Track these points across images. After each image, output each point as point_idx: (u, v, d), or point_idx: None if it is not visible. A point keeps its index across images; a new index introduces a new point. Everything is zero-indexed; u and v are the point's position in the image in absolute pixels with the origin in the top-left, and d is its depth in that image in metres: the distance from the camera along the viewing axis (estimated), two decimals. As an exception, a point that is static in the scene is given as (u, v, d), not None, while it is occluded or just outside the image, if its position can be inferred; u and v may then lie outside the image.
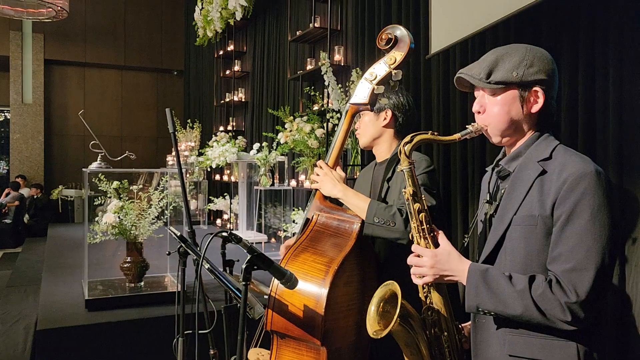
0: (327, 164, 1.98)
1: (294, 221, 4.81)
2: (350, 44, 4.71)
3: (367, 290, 1.86)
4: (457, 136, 1.38)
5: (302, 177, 5.24)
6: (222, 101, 8.08)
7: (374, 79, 1.89)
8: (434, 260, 1.34)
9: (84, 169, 3.34)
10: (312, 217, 1.90)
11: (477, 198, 2.98)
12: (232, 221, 7.07)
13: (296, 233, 1.98)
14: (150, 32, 11.63)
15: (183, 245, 1.61)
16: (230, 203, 7.17)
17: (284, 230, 4.98)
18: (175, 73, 12.03)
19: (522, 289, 1.22)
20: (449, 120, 3.21)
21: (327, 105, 4.39)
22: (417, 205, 1.37)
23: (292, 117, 5.07)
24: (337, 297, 1.68)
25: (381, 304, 1.38)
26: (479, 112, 1.40)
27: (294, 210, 4.81)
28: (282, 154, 5.14)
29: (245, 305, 1.24)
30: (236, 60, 7.57)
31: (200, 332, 1.61)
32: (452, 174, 3.17)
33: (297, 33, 5.39)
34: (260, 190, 5.24)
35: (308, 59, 5.31)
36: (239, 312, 1.32)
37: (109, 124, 11.44)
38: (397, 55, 1.87)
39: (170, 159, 8.10)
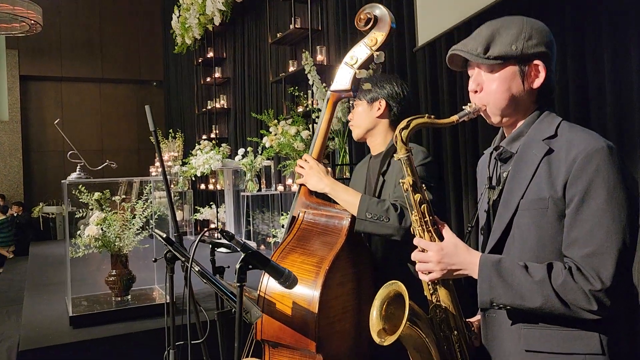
0: (311, 156, 1.88)
1: (283, 226, 4.71)
2: (333, 43, 4.64)
3: (364, 290, 1.76)
4: (454, 118, 1.29)
5: (289, 181, 5.14)
6: (204, 109, 7.96)
7: (355, 62, 1.81)
8: (440, 254, 1.25)
9: (63, 181, 3.20)
10: (298, 215, 1.80)
11: (472, 188, 2.95)
12: (219, 230, 6.94)
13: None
14: (127, 43, 11.47)
15: (170, 248, 1.50)
16: (217, 212, 7.04)
17: (274, 236, 4.87)
18: (155, 84, 11.87)
19: (541, 279, 1.14)
20: (438, 113, 3.15)
21: (312, 105, 4.30)
22: (417, 196, 1.27)
23: (276, 121, 4.97)
24: (331, 300, 1.58)
25: (384, 306, 1.28)
26: (475, 92, 1.31)
27: (282, 215, 4.70)
28: (267, 159, 5.03)
29: (242, 309, 1.14)
30: (216, 67, 7.46)
31: (192, 342, 1.50)
32: (445, 164, 3.10)
33: (278, 35, 5.30)
34: (247, 196, 5.12)
35: (290, 61, 5.23)
36: (234, 318, 1.21)
37: (89, 138, 11.23)
38: (378, 35, 1.78)
39: (154, 171, 7.95)
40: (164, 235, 1.48)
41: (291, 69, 5.15)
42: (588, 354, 1.15)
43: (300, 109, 4.89)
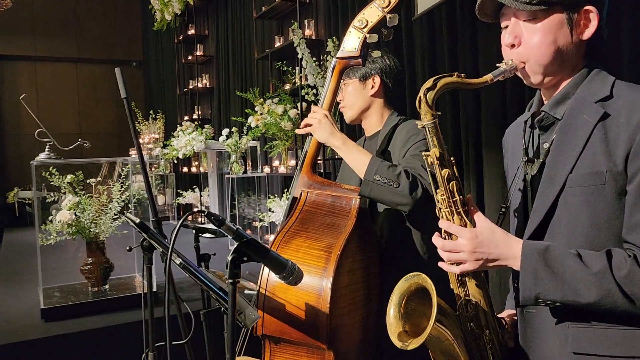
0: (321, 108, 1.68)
1: (270, 209, 4.49)
2: (322, 16, 4.39)
3: (372, 278, 1.58)
4: (488, 77, 1.08)
5: (276, 163, 4.91)
6: (186, 89, 7.66)
7: (365, 26, 1.59)
8: (475, 242, 1.04)
9: (31, 162, 2.94)
10: (301, 195, 1.59)
11: (474, 172, 2.76)
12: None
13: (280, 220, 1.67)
14: (104, 20, 11.02)
15: (145, 236, 1.28)
16: (201, 195, 6.80)
17: (260, 220, 4.65)
18: (135, 64, 11.46)
19: (600, 269, 0.94)
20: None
21: (301, 82, 4.06)
22: (445, 172, 1.06)
23: (262, 99, 4.73)
24: (342, 289, 1.39)
25: (403, 302, 1.07)
26: (513, 46, 1.10)
27: (269, 198, 4.48)
28: (253, 139, 4.79)
29: (235, 311, 0.93)
30: (198, 45, 7.15)
31: (174, 343, 1.29)
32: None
33: (263, 9, 5.02)
34: (233, 178, 4.89)
35: (276, 37, 4.96)
36: (225, 316, 1.00)
37: (66, 121, 10.82)
38: None
39: (134, 153, 7.65)
40: (137, 221, 1.25)
41: (277, 44, 4.90)
42: None
43: (287, 87, 4.64)
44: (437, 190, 1.09)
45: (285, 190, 4.52)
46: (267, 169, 4.93)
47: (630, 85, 1.05)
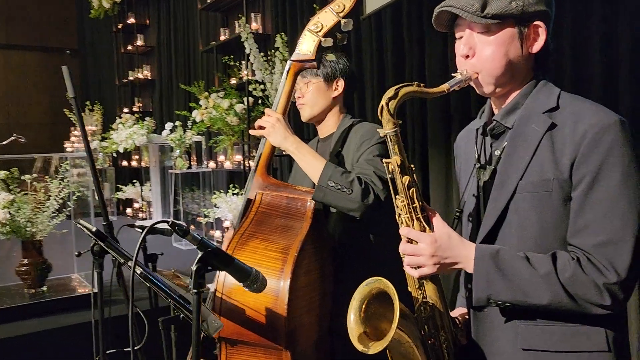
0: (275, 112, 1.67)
1: (215, 205, 4.43)
2: (269, 10, 4.35)
3: (326, 277, 1.60)
4: (445, 87, 1.11)
5: (221, 158, 4.84)
6: (125, 80, 7.39)
7: (320, 30, 1.60)
8: (434, 247, 1.07)
9: (-40, 158, 2.76)
10: (255, 197, 1.59)
11: (439, 174, 2.82)
12: (144, 209, 6.53)
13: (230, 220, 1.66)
14: (35, 5, 10.43)
15: (100, 243, 1.23)
16: (142, 190, 6.61)
17: (205, 216, 4.58)
18: (69, 52, 10.93)
19: (546, 272, 1.00)
20: (383, 89, 2.99)
21: (249, 76, 4.02)
22: (406, 179, 1.08)
23: (207, 93, 4.64)
24: (299, 290, 1.40)
25: (363, 306, 1.09)
26: (467, 56, 1.14)
27: (215, 193, 4.42)
28: (198, 134, 4.70)
29: (199, 321, 0.91)
30: (139, 35, 6.91)
31: (125, 349, 1.26)
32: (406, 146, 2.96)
33: (208, 0, 4.92)
34: (177, 173, 4.78)
35: (221, 29, 4.88)
36: (184, 325, 0.98)
37: (-7, 111, 10.21)
38: (346, 1, 1.59)
39: (69, 146, 7.33)
40: (94, 229, 1.20)
41: (223, 37, 4.82)
42: (593, 351, 1.04)
43: (233, 81, 4.58)
44: (397, 197, 1.11)
45: (231, 186, 4.47)
46: (212, 164, 4.85)
47: (575, 97, 1.11)
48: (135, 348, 1.30)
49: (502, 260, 1.04)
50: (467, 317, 1.24)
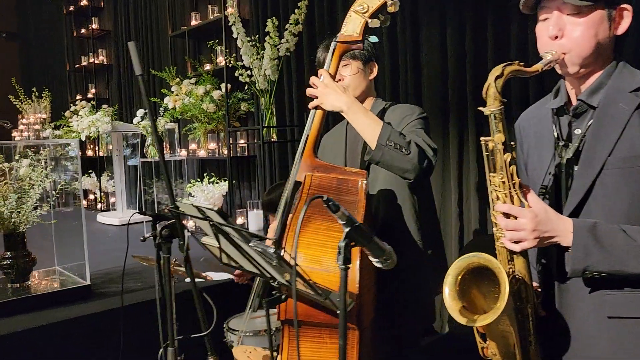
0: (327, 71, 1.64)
1: (190, 194, 4.32)
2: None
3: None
4: (539, 66, 1.14)
5: (193, 146, 4.71)
6: (78, 65, 7.02)
7: (366, 11, 1.59)
8: (535, 221, 1.10)
9: None
10: (305, 180, 1.56)
11: (474, 161, 2.86)
12: (102, 201, 6.28)
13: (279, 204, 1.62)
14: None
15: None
16: (99, 181, 6.33)
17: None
18: (4, 35, 10.24)
19: None
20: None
21: (227, 63, 3.92)
22: (507, 156, 1.10)
23: (178, 79, 4.51)
24: (363, 268, 1.40)
25: (457, 281, 1.11)
26: (556, 37, 1.17)
27: (190, 182, 4.31)
28: (171, 121, 4.56)
29: (345, 299, 0.89)
30: (93, 18, 6.58)
31: (194, 335, 1.21)
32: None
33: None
34: (150, 162, 4.62)
35: (192, 13, 4.73)
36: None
37: None
38: None
39: (17, 135, 6.89)
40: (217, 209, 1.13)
41: (194, 22, 4.68)
42: None
43: (208, 67, 4.47)
44: (493, 174, 1.13)
45: (205, 175, 4.37)
46: (184, 152, 4.72)
47: None
48: (204, 334, 1.26)
49: (600, 232, 1.08)
50: (539, 290, 1.28)
